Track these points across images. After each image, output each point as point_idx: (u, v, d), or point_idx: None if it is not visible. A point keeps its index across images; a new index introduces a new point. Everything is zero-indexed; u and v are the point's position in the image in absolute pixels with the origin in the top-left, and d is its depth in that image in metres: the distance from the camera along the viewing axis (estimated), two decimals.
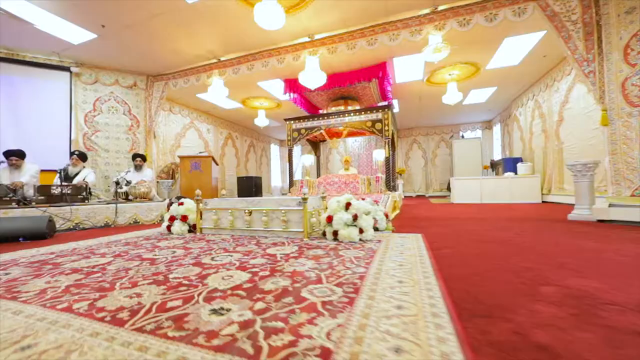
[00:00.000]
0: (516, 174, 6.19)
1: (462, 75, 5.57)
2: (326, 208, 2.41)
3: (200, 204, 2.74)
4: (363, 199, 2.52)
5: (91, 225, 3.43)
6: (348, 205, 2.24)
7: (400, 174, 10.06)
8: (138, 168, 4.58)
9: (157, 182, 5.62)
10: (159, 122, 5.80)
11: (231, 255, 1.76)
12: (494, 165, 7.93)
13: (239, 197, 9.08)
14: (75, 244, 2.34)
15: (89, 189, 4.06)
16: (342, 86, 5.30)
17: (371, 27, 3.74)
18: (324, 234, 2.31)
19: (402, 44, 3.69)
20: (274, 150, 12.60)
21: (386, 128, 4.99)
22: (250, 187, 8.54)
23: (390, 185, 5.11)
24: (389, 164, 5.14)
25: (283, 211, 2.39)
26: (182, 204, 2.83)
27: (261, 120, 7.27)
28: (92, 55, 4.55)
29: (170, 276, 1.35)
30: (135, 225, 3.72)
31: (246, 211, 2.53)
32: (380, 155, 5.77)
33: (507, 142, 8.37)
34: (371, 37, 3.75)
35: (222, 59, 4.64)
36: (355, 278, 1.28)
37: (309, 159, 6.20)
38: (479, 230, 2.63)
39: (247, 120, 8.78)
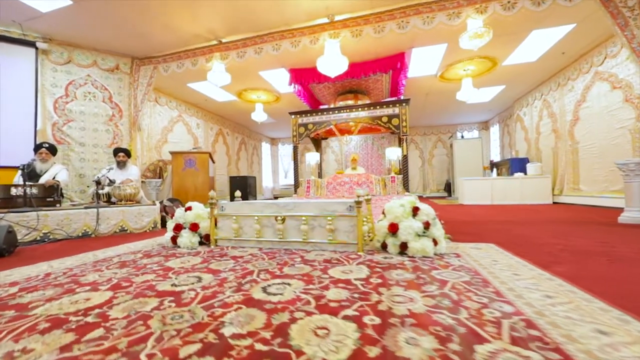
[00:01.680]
0: (525, 174, 6.07)
1: (476, 70, 5.34)
2: (382, 213, 1.95)
3: (215, 209, 2.18)
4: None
5: (65, 236, 2.74)
6: (416, 210, 1.80)
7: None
8: (121, 165, 3.87)
9: (143, 181, 4.88)
10: (143, 114, 5.05)
11: (288, 284, 1.26)
12: (496, 165, 7.86)
13: (231, 199, 8.39)
14: (47, 265, 1.71)
15: (61, 189, 3.32)
16: (357, 78, 4.87)
17: (402, 9, 3.34)
18: (383, 246, 1.85)
19: (436, 28, 3.32)
20: (265, 148, 11.96)
21: (404, 124, 4.63)
22: (244, 188, 7.90)
23: (408, 186, 4.75)
24: (406, 162, 4.78)
25: (329, 218, 1.90)
26: (190, 208, 2.25)
27: (259, 115, 6.67)
28: (64, 28, 3.78)
29: (226, 332, 0.83)
30: (122, 234, 3.05)
31: (279, 218, 2.01)
32: (392, 153, 5.40)
33: (507, 142, 8.35)
34: (402, 20, 3.34)
35: (225, 40, 4.04)
36: (522, 326, 0.84)
37: (314, 157, 5.72)
38: (545, 237, 2.29)
39: (239, 115, 8.12)
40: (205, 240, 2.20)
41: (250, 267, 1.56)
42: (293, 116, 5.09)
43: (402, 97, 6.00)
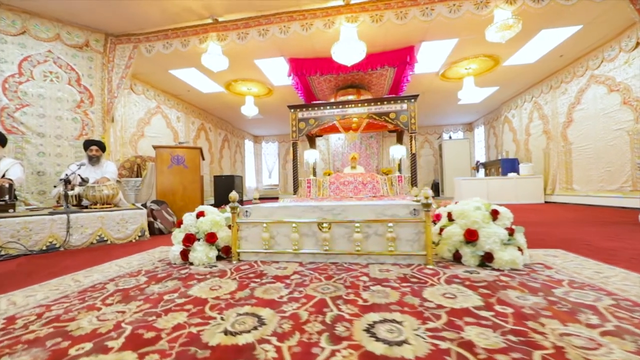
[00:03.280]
0: (518, 174, 6.20)
1: (478, 69, 5.31)
2: (448, 218, 1.65)
3: (237, 215, 1.74)
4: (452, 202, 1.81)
5: (23, 251, 2.11)
6: (495, 214, 1.52)
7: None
8: (94, 161, 3.20)
9: (118, 181, 4.17)
10: (118, 102, 4.33)
11: (395, 321, 0.90)
12: (484, 166, 8.03)
13: (216, 202, 7.65)
14: (7, 302, 1.18)
15: (14, 190, 2.62)
16: (363, 71, 4.58)
17: None
18: (456, 257, 1.55)
19: (463, 17, 3.12)
20: (248, 146, 11.30)
21: (412, 121, 4.45)
22: (230, 188, 7.28)
23: (416, 185, 4.56)
24: (414, 161, 4.59)
25: (390, 225, 1.56)
26: (202, 213, 1.79)
27: (249, 109, 6.14)
28: None
29: None
30: (101, 245, 2.46)
31: (324, 225, 1.63)
32: (396, 151, 5.22)
33: (492, 143, 8.59)
34: (426, 7, 3.10)
35: (222, 19, 3.52)
36: None
37: (312, 154, 5.36)
38: (595, 239, 2.14)
39: (224, 109, 7.49)
40: (224, 253, 1.75)
41: (313, 292, 1.17)
42: (292, 110, 4.67)
43: (402, 94, 5.83)
